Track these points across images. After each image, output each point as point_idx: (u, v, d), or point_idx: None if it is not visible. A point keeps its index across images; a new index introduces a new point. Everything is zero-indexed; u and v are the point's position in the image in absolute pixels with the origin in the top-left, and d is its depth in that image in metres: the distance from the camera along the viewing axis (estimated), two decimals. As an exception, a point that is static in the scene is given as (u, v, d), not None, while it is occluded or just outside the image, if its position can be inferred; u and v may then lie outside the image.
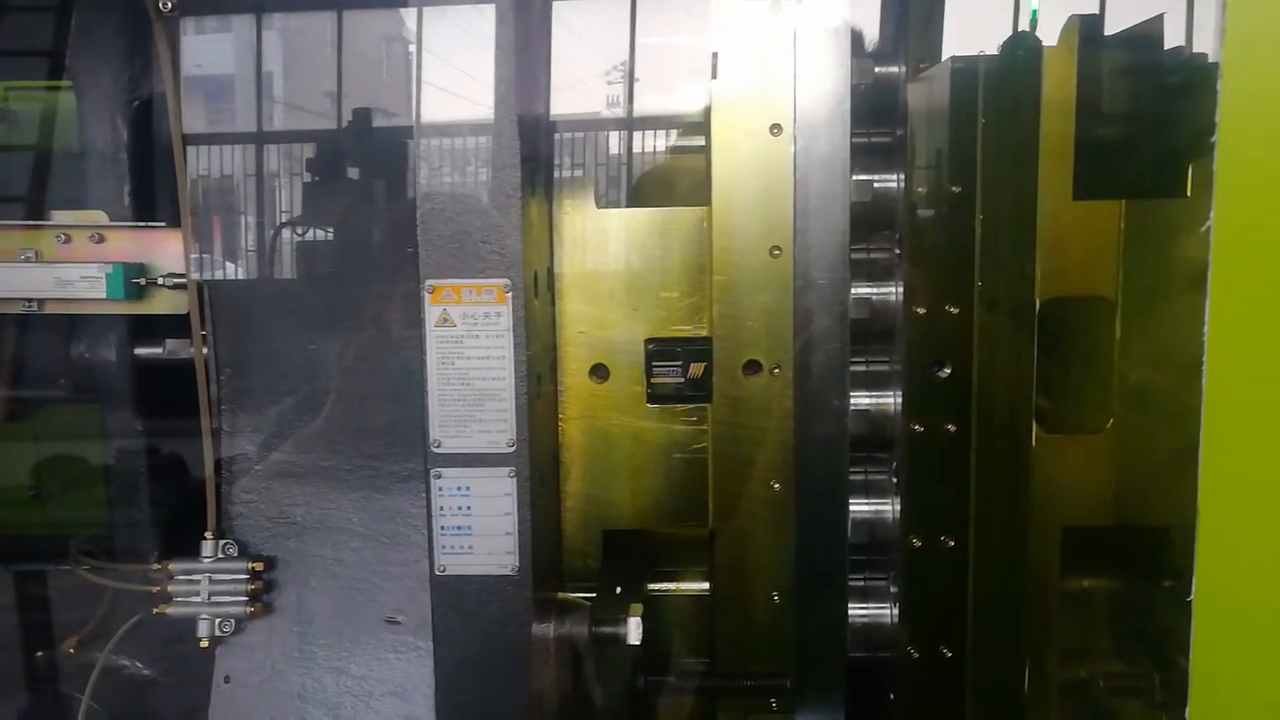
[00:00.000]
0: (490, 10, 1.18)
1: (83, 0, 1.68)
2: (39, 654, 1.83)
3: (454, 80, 1.24)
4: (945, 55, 1.48)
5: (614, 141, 1.72)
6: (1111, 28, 1.44)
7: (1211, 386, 0.67)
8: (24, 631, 1.76)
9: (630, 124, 1.63)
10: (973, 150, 1.37)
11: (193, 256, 1.59)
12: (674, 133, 1.58)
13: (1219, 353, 0.67)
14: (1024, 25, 2.07)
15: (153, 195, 1.65)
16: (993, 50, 1.38)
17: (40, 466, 1.85)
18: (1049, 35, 1.39)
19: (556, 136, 1.46)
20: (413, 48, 1.24)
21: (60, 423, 1.80)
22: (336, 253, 2.03)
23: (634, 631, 1.20)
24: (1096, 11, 1.48)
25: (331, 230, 2.20)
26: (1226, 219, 0.67)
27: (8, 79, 1.90)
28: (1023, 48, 1.37)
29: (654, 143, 1.59)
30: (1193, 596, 0.69)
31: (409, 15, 1.24)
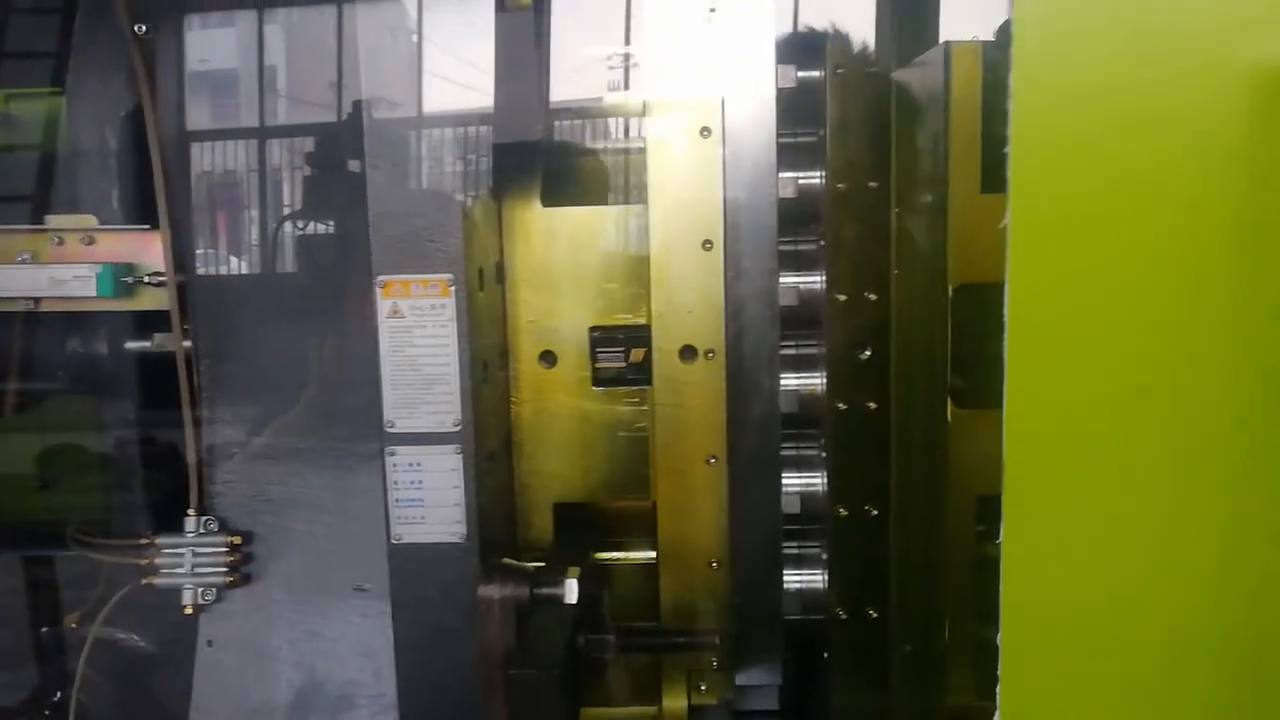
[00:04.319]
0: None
1: (75, 8, 1.79)
2: (44, 629, 1.97)
3: (403, 83, 1.34)
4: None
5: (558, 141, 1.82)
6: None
7: (1011, 374, 0.78)
8: (33, 611, 1.89)
9: (574, 122, 1.74)
10: (888, 148, 1.49)
11: (197, 252, 1.71)
12: (613, 135, 1.70)
13: (1018, 340, 0.78)
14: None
15: (144, 197, 1.77)
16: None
17: (44, 455, 1.98)
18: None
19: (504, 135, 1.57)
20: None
21: (58, 414, 1.93)
22: (314, 246, 2.14)
23: (571, 592, 1.32)
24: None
25: (310, 225, 2.30)
26: (1021, 215, 0.78)
27: (7, 85, 2.02)
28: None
29: (595, 144, 1.70)
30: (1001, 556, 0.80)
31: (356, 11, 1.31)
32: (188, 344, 1.66)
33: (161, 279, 1.67)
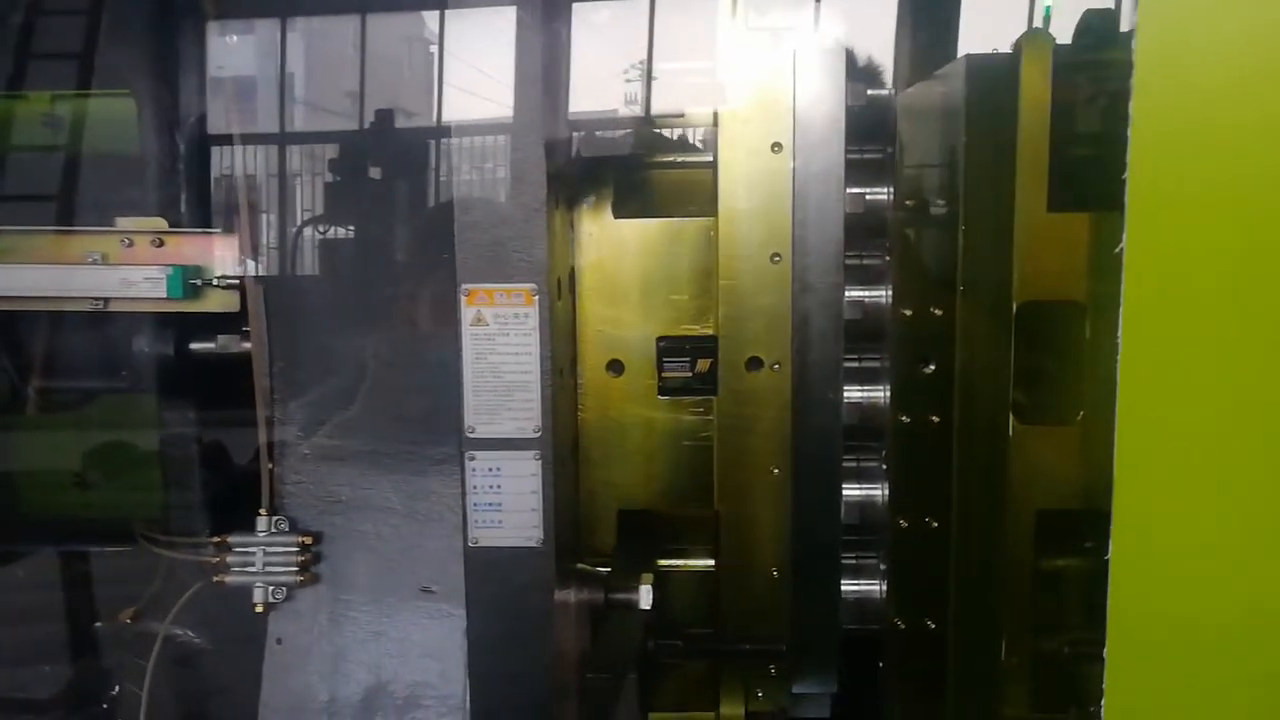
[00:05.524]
0: (512, 13, 1.31)
1: (134, 13, 1.82)
2: (98, 625, 1.99)
3: (481, 97, 1.37)
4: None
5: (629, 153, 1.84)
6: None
7: (1124, 388, 0.81)
8: (101, 605, 1.92)
9: (646, 143, 1.76)
10: (955, 164, 1.51)
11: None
12: (685, 150, 1.73)
13: (1132, 357, 0.81)
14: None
15: (198, 199, 1.79)
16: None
17: (97, 453, 2.00)
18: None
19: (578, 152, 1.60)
20: (434, 50, 1.37)
21: (119, 412, 1.95)
22: (366, 251, 2.17)
23: (645, 598, 1.34)
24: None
25: (357, 228, 2.34)
26: (1138, 239, 0.80)
27: (58, 87, 2.05)
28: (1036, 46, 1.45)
29: (666, 157, 1.73)
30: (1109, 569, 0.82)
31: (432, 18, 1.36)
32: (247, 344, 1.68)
33: (229, 281, 1.69)
